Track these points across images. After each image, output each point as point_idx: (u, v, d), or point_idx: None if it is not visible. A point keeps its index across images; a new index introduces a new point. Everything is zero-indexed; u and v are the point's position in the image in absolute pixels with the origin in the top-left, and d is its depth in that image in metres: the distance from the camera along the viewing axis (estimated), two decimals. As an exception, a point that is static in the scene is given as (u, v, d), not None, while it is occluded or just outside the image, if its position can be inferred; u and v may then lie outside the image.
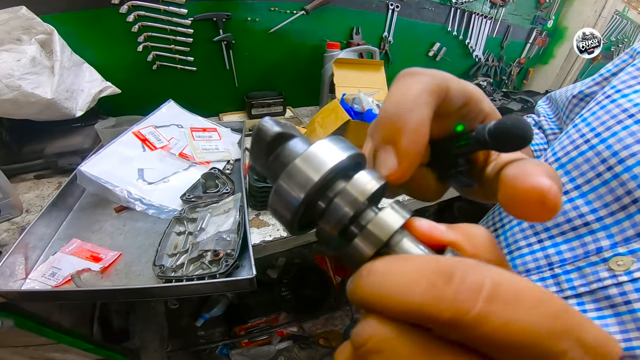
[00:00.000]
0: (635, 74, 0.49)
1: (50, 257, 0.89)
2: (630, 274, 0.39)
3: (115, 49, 1.53)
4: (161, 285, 0.78)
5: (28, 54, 1.15)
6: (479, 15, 2.49)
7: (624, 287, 0.39)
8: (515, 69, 3.03)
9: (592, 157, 0.46)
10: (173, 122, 1.35)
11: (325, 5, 1.84)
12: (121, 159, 1.09)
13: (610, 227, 0.43)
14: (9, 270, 0.80)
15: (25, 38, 1.19)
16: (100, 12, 1.43)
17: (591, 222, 0.45)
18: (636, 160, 0.41)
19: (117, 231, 0.99)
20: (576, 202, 0.46)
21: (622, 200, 0.42)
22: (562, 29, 3.02)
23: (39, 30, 1.21)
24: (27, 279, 0.83)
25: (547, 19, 2.90)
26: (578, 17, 2.91)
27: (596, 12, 2.81)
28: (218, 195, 1.05)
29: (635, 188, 0.41)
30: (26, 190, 1.16)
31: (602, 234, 0.43)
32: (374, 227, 0.23)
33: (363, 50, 1.94)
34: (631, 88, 0.48)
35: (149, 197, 1.05)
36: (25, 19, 1.18)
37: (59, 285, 0.81)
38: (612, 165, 0.44)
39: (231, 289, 0.80)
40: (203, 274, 0.78)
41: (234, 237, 0.86)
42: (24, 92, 1.10)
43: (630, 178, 0.41)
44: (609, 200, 0.43)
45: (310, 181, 0.23)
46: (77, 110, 1.26)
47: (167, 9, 1.51)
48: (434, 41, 2.46)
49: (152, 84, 1.66)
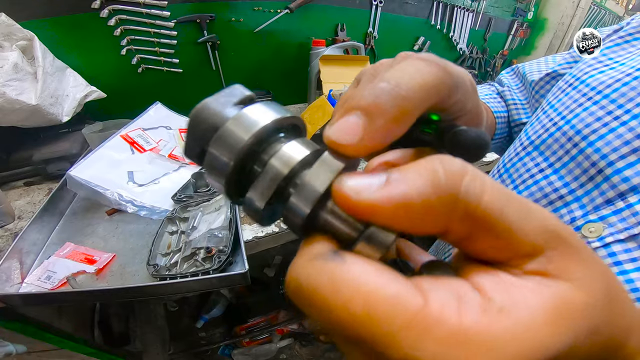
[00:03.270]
0: (591, 62, 0.58)
1: (44, 261, 0.89)
2: (602, 239, 0.42)
3: (99, 53, 1.53)
4: (156, 284, 0.79)
5: (10, 61, 1.14)
6: (461, 8, 2.53)
7: (598, 252, 0.42)
8: (499, 61, 3.08)
9: (560, 137, 0.52)
10: (161, 124, 1.35)
11: (309, 3, 1.85)
12: (110, 162, 1.09)
13: (582, 198, 0.47)
14: (5, 275, 0.80)
15: (6, 45, 1.19)
16: (80, 17, 1.43)
17: (565, 195, 0.49)
18: (597, 136, 0.46)
19: (109, 234, 0.99)
20: (550, 178, 0.51)
21: (589, 172, 0.46)
22: (542, 20, 3.09)
23: (19, 37, 1.21)
24: (24, 283, 0.84)
25: (527, 10, 2.96)
26: (557, 8, 2.98)
27: (574, 3, 2.87)
28: (209, 194, 1.06)
29: (599, 159, 0.45)
30: (17, 198, 1.16)
31: (575, 205, 0.47)
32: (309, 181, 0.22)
33: (348, 47, 1.95)
34: (587, 74, 0.55)
35: (140, 199, 1.05)
36: (5, 25, 1.18)
37: (55, 287, 0.82)
38: (577, 142, 0.49)
39: (225, 284, 0.80)
40: (197, 271, 0.79)
41: (225, 233, 0.86)
42: (9, 98, 1.10)
43: (593, 151, 0.46)
44: (578, 174, 0.48)
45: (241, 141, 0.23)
46: (63, 115, 1.26)
47: (149, 12, 1.50)
48: (418, 35, 2.49)
49: (138, 87, 1.66)
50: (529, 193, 0.53)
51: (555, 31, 3.02)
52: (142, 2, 1.47)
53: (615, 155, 0.44)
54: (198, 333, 1.91)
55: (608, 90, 0.49)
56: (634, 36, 0.57)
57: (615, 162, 0.43)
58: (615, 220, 0.42)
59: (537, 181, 0.53)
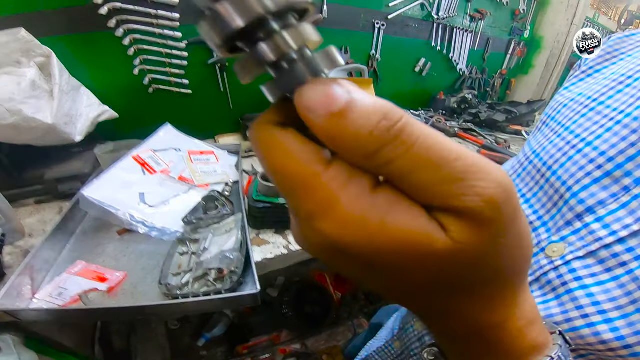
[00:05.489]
0: (559, 98, 0.63)
1: (56, 278, 0.91)
2: (564, 257, 0.46)
3: (112, 71, 1.55)
4: (169, 303, 0.81)
5: (28, 78, 1.15)
6: (460, 29, 2.60)
7: (560, 270, 0.46)
8: (498, 80, 3.14)
9: (531, 170, 0.58)
10: (171, 146, 1.37)
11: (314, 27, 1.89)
12: (122, 183, 1.11)
13: (548, 222, 0.51)
14: (16, 291, 0.82)
15: (24, 61, 1.19)
16: (96, 35, 1.46)
17: (533, 222, 0.53)
18: (559, 165, 0.51)
19: (120, 253, 1.01)
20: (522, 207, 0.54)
21: (553, 198, 0.51)
22: (539, 39, 3.15)
23: (37, 53, 1.21)
24: (34, 299, 0.85)
25: (523, 29, 3.03)
26: (552, 26, 3.05)
27: (568, 20, 2.94)
28: (219, 217, 1.08)
29: (560, 186, 0.49)
30: (27, 215, 1.18)
31: (542, 229, 0.51)
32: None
33: (352, 69, 2.01)
34: (555, 110, 0.62)
35: (151, 220, 1.07)
36: (25, 41, 1.19)
37: (67, 304, 0.83)
38: (544, 173, 0.54)
39: (236, 305, 0.83)
40: (209, 291, 0.81)
41: (237, 255, 0.89)
42: (25, 117, 1.11)
43: (556, 180, 0.51)
44: (544, 202, 0.53)
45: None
46: (76, 135, 1.27)
47: (162, 32, 1.54)
48: (419, 57, 2.56)
49: (148, 107, 1.68)
50: None
51: (552, 49, 3.07)
52: (156, 22, 1.51)
53: (572, 181, 0.48)
54: (199, 352, 1.89)
55: (569, 123, 0.55)
56: (594, 69, 0.63)
57: (573, 187, 0.48)
58: (574, 240, 0.46)
59: None
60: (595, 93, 0.55)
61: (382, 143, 0.20)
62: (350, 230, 0.21)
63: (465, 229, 0.20)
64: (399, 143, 0.20)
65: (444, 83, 2.81)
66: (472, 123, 2.42)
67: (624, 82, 0.52)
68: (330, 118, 0.20)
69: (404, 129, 0.20)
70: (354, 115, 0.20)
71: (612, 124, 0.48)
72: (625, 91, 0.50)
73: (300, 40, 0.23)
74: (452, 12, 2.46)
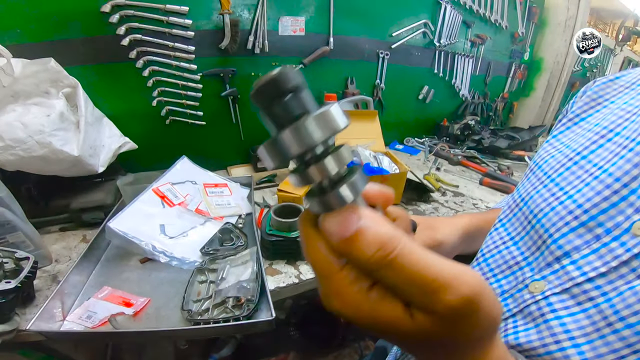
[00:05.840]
0: (547, 148, 0.69)
1: (85, 302, 0.98)
2: (544, 293, 0.53)
3: (132, 102, 1.62)
4: (193, 327, 0.89)
5: (57, 109, 1.19)
6: (461, 55, 2.66)
7: (540, 304, 0.53)
8: (500, 104, 3.17)
9: (520, 216, 0.64)
10: (187, 179, 1.44)
11: (320, 58, 1.97)
12: (144, 215, 1.18)
13: (532, 263, 0.58)
14: (48, 314, 0.89)
15: (53, 91, 1.23)
16: (118, 65, 1.53)
17: (520, 262, 0.60)
18: (543, 214, 0.58)
19: (143, 280, 1.08)
20: (511, 249, 0.63)
21: (537, 243, 0.58)
22: (539, 61, 3.19)
23: (65, 84, 1.26)
24: (65, 321, 0.92)
25: (523, 52, 3.08)
26: (550, 47, 3.08)
27: (566, 40, 2.99)
28: (234, 249, 1.16)
29: (543, 233, 0.56)
30: (53, 242, 1.23)
31: (527, 269, 0.58)
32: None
33: (358, 101, 2.07)
34: (543, 160, 0.67)
35: (171, 250, 1.14)
36: (54, 71, 1.23)
37: (96, 326, 0.90)
38: (530, 220, 0.61)
39: (253, 330, 0.92)
40: (228, 317, 0.89)
41: (253, 285, 0.96)
42: (54, 149, 1.16)
43: (540, 227, 0.57)
44: (530, 245, 0.60)
45: (337, 127, 0.29)
46: (99, 166, 1.32)
47: (178, 65, 1.61)
48: (422, 84, 2.61)
49: (165, 138, 1.74)
50: (494, 260, 0.65)
51: (552, 70, 3.10)
52: (173, 55, 1.59)
53: (553, 229, 0.55)
54: (207, 372, 1.93)
55: (554, 174, 0.61)
56: (580, 117, 0.68)
57: (554, 234, 0.54)
58: (553, 279, 0.53)
59: (500, 251, 0.65)
60: (579, 146, 0.61)
61: (377, 267, 0.28)
62: (350, 310, 0.30)
63: (427, 319, 0.28)
64: (389, 269, 0.28)
65: (447, 109, 2.86)
66: (475, 150, 2.44)
67: (605, 135, 0.58)
68: (342, 242, 0.29)
69: (395, 259, 0.28)
70: (358, 243, 0.28)
71: (591, 179, 0.54)
72: (606, 146, 0.57)
73: (340, 164, 0.30)
74: (453, 39, 2.52)
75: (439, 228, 0.80)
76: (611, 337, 0.43)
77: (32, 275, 0.92)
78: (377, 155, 1.57)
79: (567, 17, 2.91)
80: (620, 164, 0.52)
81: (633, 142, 0.52)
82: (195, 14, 1.62)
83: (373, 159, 1.52)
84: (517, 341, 0.53)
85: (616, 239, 0.48)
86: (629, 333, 0.41)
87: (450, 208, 1.60)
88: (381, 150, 1.74)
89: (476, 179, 1.99)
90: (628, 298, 0.43)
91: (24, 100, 1.19)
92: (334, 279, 0.31)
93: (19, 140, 1.13)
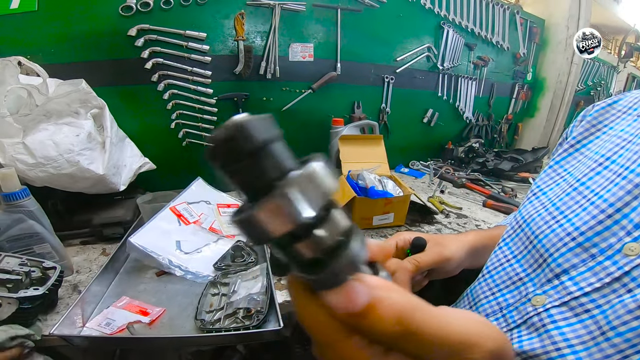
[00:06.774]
0: (551, 174, 0.75)
1: (104, 310, 1.04)
2: (545, 306, 0.58)
3: (152, 124, 1.70)
4: (205, 335, 0.95)
5: (85, 129, 1.25)
6: (464, 77, 2.71)
7: (541, 315, 0.58)
8: (505, 126, 3.16)
9: (522, 237, 0.70)
10: (202, 199, 1.52)
11: (328, 83, 2.04)
12: (162, 232, 1.26)
13: (534, 279, 0.64)
14: (70, 320, 0.95)
15: (82, 112, 1.29)
16: (141, 88, 1.62)
17: (523, 278, 0.67)
18: (544, 235, 0.64)
19: (159, 292, 1.14)
20: (514, 266, 0.69)
21: (538, 261, 0.64)
22: (541, 80, 3.21)
23: (93, 105, 1.32)
24: (85, 327, 0.99)
25: (525, 72, 3.09)
26: (552, 66, 3.10)
27: (568, 59, 3.00)
28: (245, 264, 1.22)
29: (544, 252, 0.62)
30: (74, 254, 1.30)
31: (529, 284, 0.64)
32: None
33: (364, 125, 2.12)
34: (547, 186, 0.73)
35: (186, 265, 1.20)
36: (84, 92, 1.29)
37: (114, 333, 0.96)
38: (532, 240, 0.67)
39: (261, 338, 1.00)
40: (238, 327, 0.96)
41: (263, 297, 1.03)
42: (81, 167, 1.22)
43: (541, 247, 0.64)
44: (532, 263, 0.66)
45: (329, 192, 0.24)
46: (120, 185, 1.40)
47: (196, 89, 1.69)
48: (427, 107, 2.65)
49: (181, 160, 1.81)
50: (499, 277, 0.71)
51: (555, 90, 3.11)
52: (191, 79, 1.68)
53: (553, 249, 0.61)
54: (211, 387, 1.95)
55: (556, 199, 0.67)
56: (581, 143, 0.74)
57: (553, 254, 0.60)
58: (553, 293, 0.58)
59: (504, 268, 0.71)
60: (580, 173, 0.67)
61: (395, 340, 0.26)
62: None
63: None
64: (411, 340, 0.26)
65: (451, 132, 2.88)
66: (479, 172, 2.43)
67: (602, 163, 0.64)
68: (350, 316, 0.26)
69: (417, 330, 0.25)
70: (372, 318, 0.25)
71: (588, 204, 0.61)
72: (603, 174, 0.63)
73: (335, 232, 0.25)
74: (456, 62, 2.58)
75: (447, 245, 0.82)
76: (605, 344, 0.49)
77: (58, 284, 0.99)
78: (381, 179, 1.63)
79: (567, 35, 2.94)
80: (614, 191, 0.58)
81: (627, 170, 0.58)
82: (212, 40, 1.71)
83: (378, 183, 1.57)
84: (521, 349, 0.58)
85: (609, 258, 0.54)
86: (620, 341, 0.47)
87: (453, 229, 1.64)
88: (386, 174, 1.78)
89: (480, 201, 2.00)
90: (619, 310, 0.49)
91: (55, 119, 1.26)
92: (340, 347, 0.27)
93: (50, 158, 1.20)
